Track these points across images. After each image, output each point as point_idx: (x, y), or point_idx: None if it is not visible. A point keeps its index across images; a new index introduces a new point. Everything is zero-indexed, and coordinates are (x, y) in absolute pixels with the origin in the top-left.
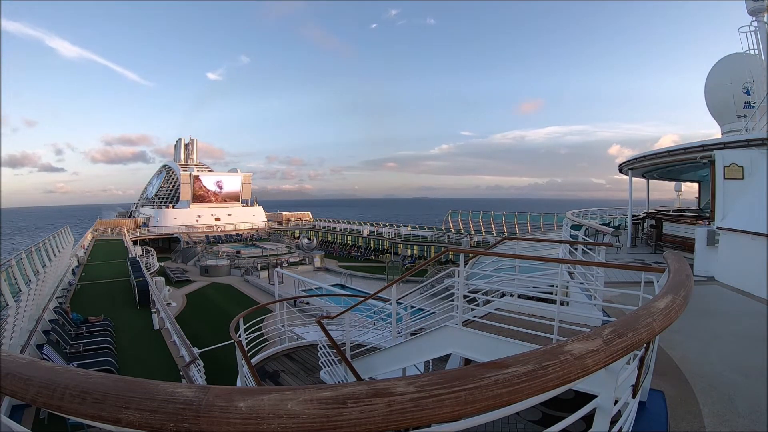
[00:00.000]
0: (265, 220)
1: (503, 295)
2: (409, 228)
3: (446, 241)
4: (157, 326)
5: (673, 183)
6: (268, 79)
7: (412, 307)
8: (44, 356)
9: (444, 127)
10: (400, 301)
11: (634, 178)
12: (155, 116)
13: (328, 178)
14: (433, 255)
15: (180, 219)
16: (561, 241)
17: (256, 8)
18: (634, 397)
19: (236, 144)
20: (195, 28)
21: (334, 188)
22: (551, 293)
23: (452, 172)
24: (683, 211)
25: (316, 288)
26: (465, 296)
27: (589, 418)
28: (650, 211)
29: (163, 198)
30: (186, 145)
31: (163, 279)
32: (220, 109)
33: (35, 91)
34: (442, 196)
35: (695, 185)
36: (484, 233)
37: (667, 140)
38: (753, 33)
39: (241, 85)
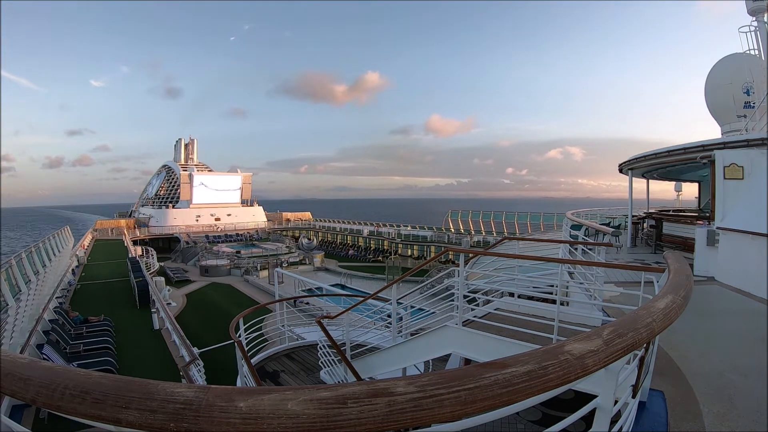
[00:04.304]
0: (265, 220)
1: (503, 295)
2: (409, 228)
3: (446, 241)
4: (157, 326)
5: (673, 183)
6: (149, 89)
7: (412, 307)
8: (44, 356)
9: (338, 127)
10: (400, 301)
11: (634, 178)
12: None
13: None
14: (433, 255)
15: (180, 219)
16: (561, 241)
17: (126, 17)
18: (634, 397)
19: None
20: (77, 34)
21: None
22: (551, 293)
23: (362, 173)
24: (683, 211)
25: (316, 288)
26: (465, 296)
27: (589, 418)
28: (650, 211)
29: (163, 198)
30: (186, 145)
31: (163, 279)
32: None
33: None
34: (356, 197)
35: (695, 185)
36: (484, 233)
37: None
38: (753, 33)
39: (126, 93)
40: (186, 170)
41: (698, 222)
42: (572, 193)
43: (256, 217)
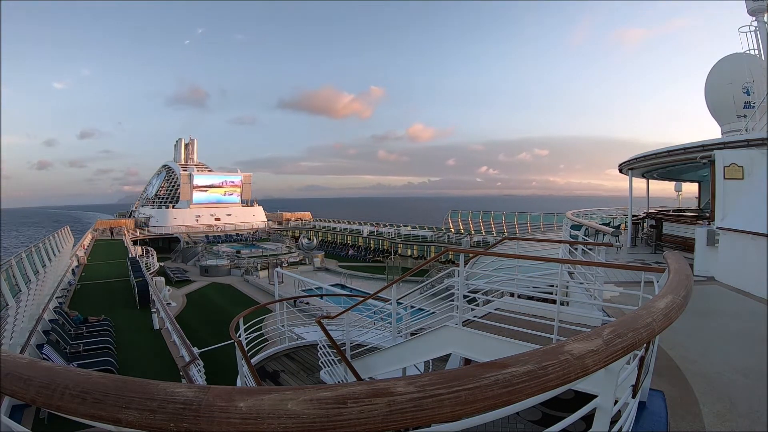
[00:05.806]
0: (265, 220)
1: (503, 295)
2: (409, 228)
3: (446, 241)
4: (157, 326)
5: (673, 183)
6: (109, 93)
7: (412, 307)
8: (44, 356)
9: (304, 128)
10: (400, 301)
11: (634, 178)
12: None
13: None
14: (433, 255)
15: (180, 219)
16: (561, 241)
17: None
18: (634, 397)
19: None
20: (39, 37)
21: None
22: (551, 293)
23: (332, 172)
24: (683, 211)
25: (316, 288)
26: (465, 296)
27: (589, 418)
28: (650, 211)
29: (163, 198)
30: (186, 145)
31: (163, 279)
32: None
33: None
34: (329, 196)
35: (695, 185)
36: (484, 233)
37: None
38: (753, 33)
39: (89, 96)
40: (186, 170)
41: (698, 222)
42: (543, 192)
43: (256, 217)
